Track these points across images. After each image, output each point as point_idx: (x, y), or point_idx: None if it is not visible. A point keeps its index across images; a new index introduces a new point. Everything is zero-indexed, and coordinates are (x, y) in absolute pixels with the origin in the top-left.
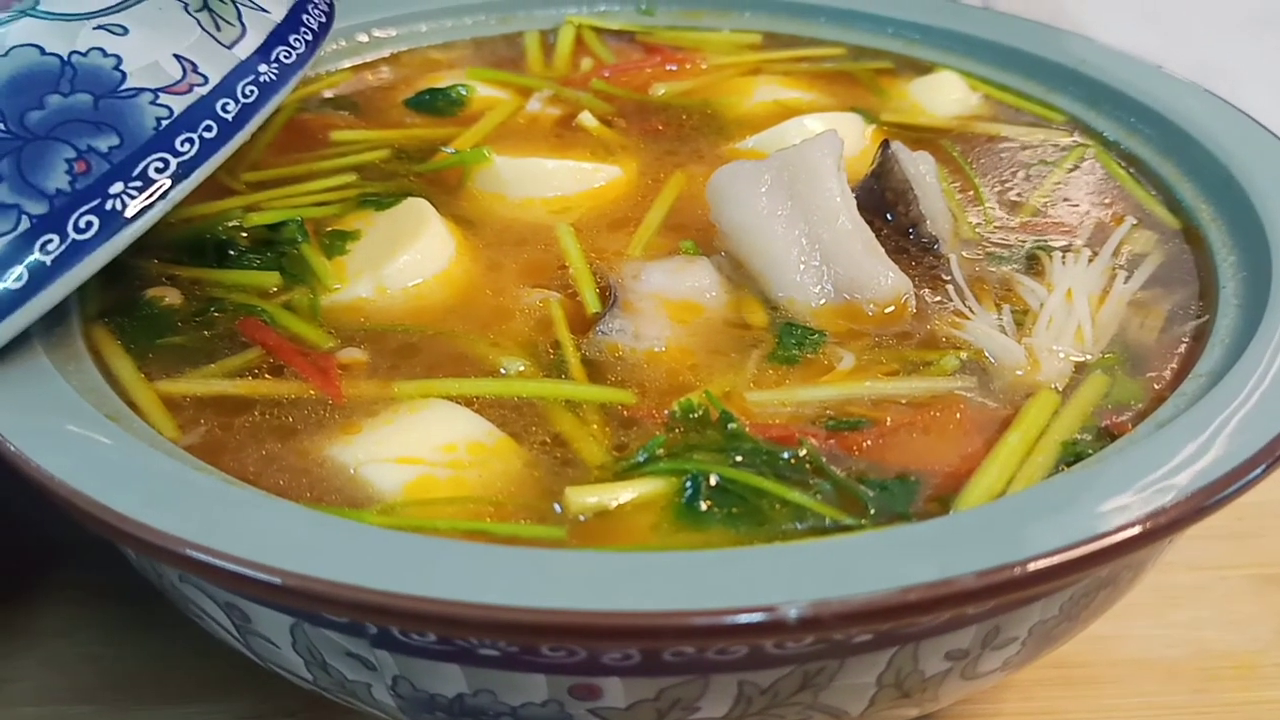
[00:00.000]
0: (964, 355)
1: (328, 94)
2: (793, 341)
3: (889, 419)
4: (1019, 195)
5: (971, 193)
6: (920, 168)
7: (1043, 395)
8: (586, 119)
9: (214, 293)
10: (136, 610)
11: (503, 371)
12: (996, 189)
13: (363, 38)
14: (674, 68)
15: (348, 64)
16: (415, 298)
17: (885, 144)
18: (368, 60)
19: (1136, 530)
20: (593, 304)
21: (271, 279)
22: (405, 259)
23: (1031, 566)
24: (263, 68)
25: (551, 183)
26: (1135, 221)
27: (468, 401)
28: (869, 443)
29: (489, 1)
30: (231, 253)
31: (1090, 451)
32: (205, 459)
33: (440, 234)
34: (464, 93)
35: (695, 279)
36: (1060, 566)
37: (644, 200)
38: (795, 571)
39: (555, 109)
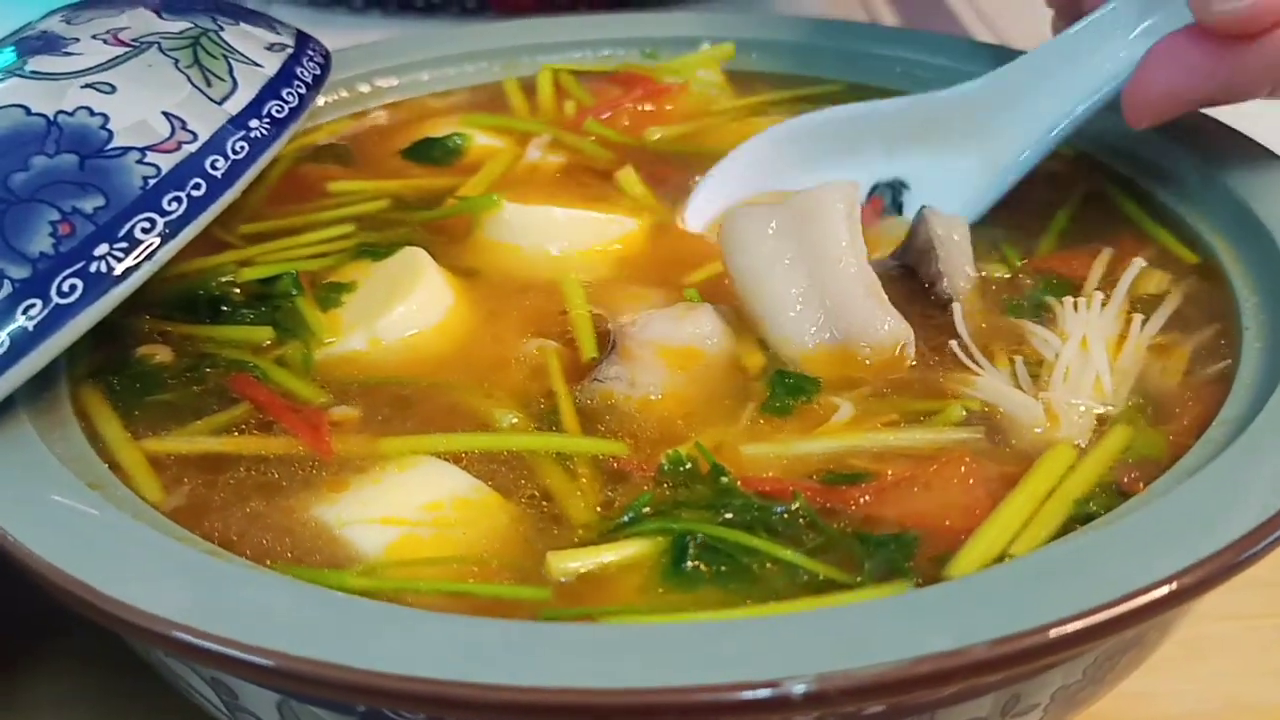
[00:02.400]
0: (969, 407)
1: (325, 143)
2: (784, 390)
3: (889, 473)
4: (1027, 238)
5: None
6: (950, 231)
7: (1057, 450)
8: (628, 178)
9: (206, 349)
10: (129, 681)
11: (503, 424)
12: (1004, 233)
13: (364, 88)
14: (649, 105)
15: (346, 113)
16: (410, 349)
17: (921, 209)
18: (367, 109)
19: (1164, 591)
20: (590, 349)
21: (264, 333)
22: (400, 310)
23: (1054, 633)
24: (254, 123)
25: (562, 233)
26: (1146, 262)
27: (456, 457)
28: (866, 497)
29: (493, 49)
30: (225, 308)
31: (1101, 510)
32: (189, 521)
33: (436, 284)
34: (460, 142)
35: (696, 326)
36: (1084, 632)
37: (658, 252)
38: (799, 641)
39: (557, 156)
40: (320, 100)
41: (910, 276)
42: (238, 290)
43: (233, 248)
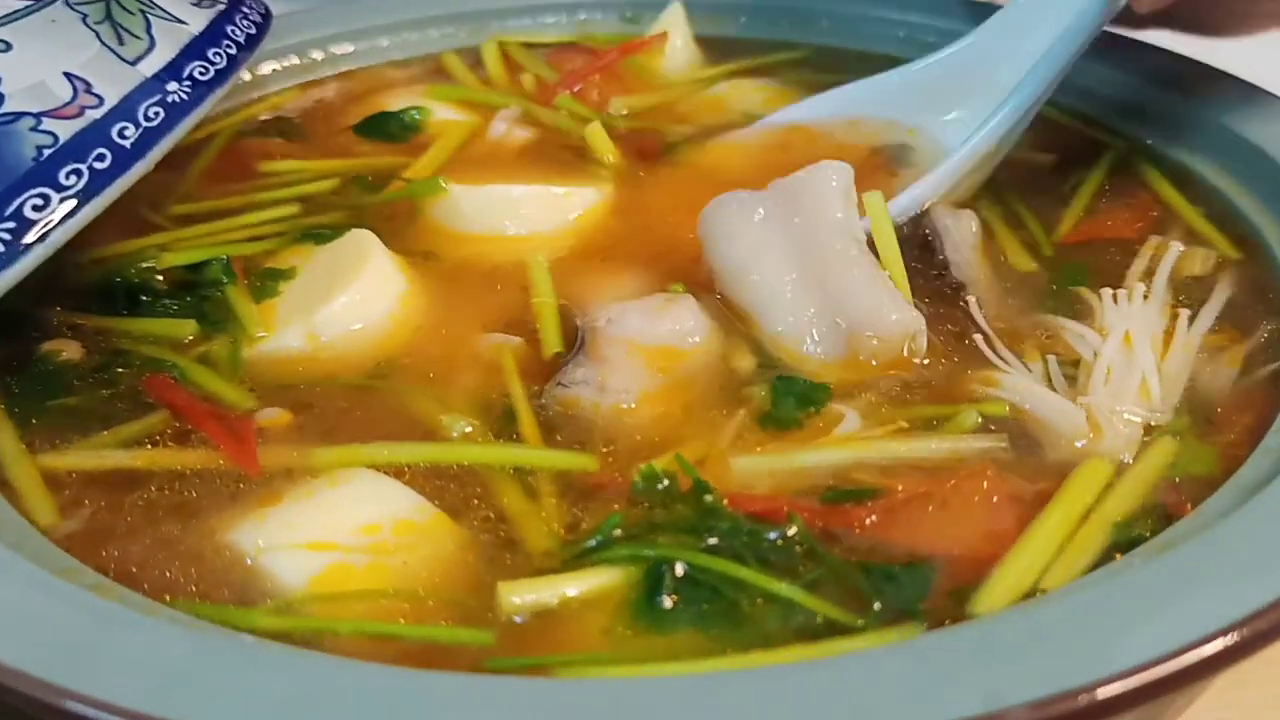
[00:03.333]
0: (992, 412)
1: (270, 116)
2: (790, 399)
3: (899, 488)
4: (1051, 220)
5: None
6: (960, 219)
7: (1093, 464)
8: (596, 134)
9: (121, 345)
10: None
11: (453, 433)
12: (1023, 213)
13: (317, 54)
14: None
15: (295, 82)
16: (352, 346)
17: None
18: (318, 78)
19: (1231, 640)
20: (553, 343)
21: (187, 328)
22: (342, 300)
23: (1103, 693)
24: (172, 86)
25: (519, 212)
26: (1183, 246)
27: (398, 471)
28: (873, 518)
29: (459, 12)
30: (145, 298)
31: (1146, 534)
32: (83, 549)
33: (384, 271)
34: (418, 116)
35: (676, 321)
36: (1140, 691)
37: (629, 230)
38: (793, 705)
39: (524, 131)
40: (267, 68)
41: (916, 261)
42: (160, 278)
43: (162, 230)
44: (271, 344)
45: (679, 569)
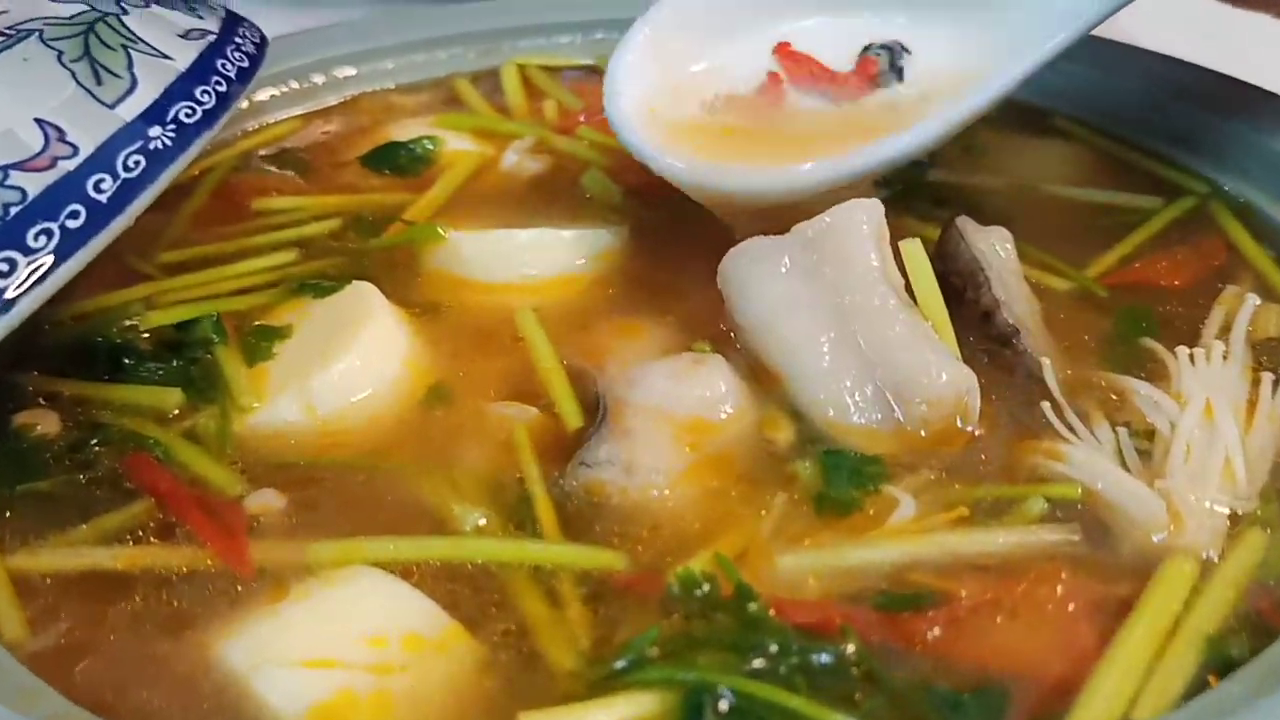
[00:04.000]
0: (1060, 495)
1: (269, 150)
2: (840, 476)
3: (963, 593)
4: (1114, 266)
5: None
6: (994, 244)
7: (1175, 564)
8: (594, 180)
9: (101, 416)
10: None
11: (466, 526)
12: (1083, 260)
13: (318, 78)
14: None
15: (297, 111)
16: (353, 419)
17: (950, 219)
18: (321, 107)
19: None
20: (574, 418)
21: (173, 398)
22: (341, 366)
23: None
24: (154, 131)
25: (525, 258)
26: (1259, 298)
27: (406, 571)
28: (936, 630)
29: (468, 32)
30: (128, 360)
31: (1244, 654)
32: (53, 669)
33: (387, 330)
34: (430, 146)
35: (706, 386)
36: None
37: (645, 275)
38: None
39: (535, 162)
40: (264, 94)
41: (954, 299)
42: (146, 336)
43: (149, 279)
44: (264, 416)
45: (723, 699)
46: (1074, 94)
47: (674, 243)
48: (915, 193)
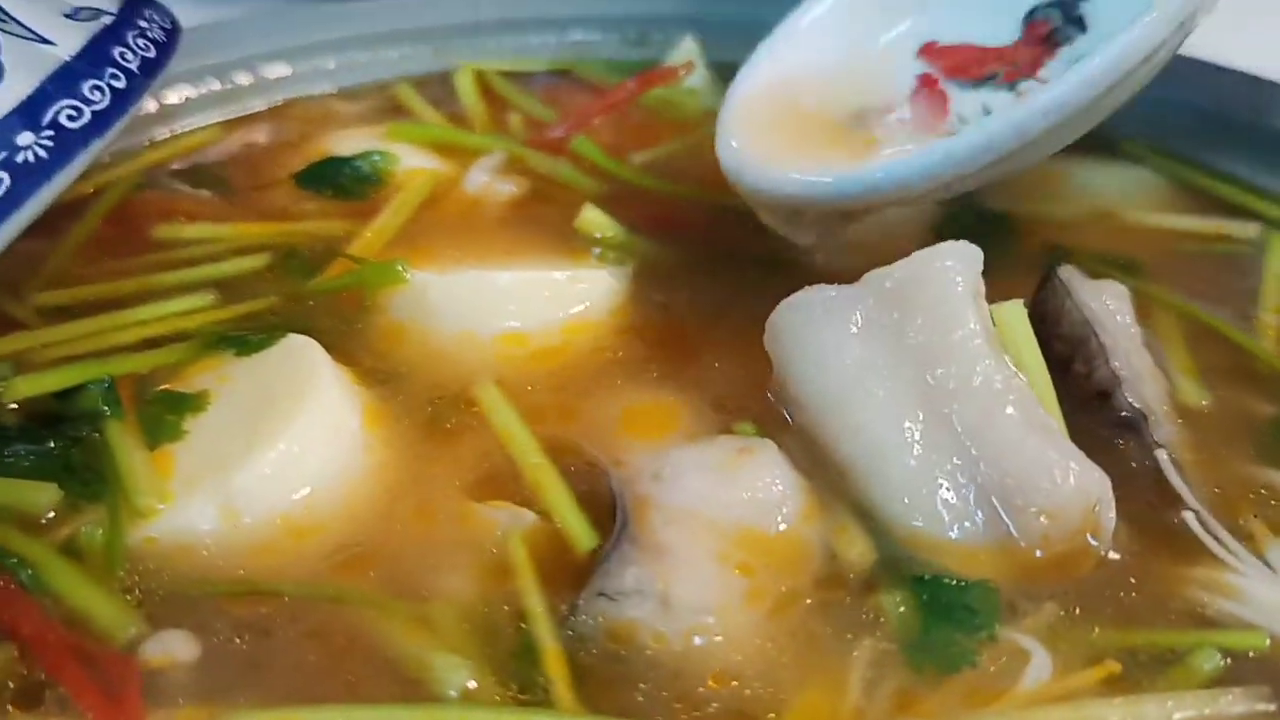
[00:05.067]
0: (1235, 646)
1: (180, 165)
2: (947, 615)
3: None
4: (1242, 327)
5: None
6: (1107, 302)
7: None
8: (591, 215)
9: None
10: None
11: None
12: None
13: (243, 78)
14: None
15: (216, 117)
16: (289, 528)
17: (1050, 270)
18: (247, 113)
19: None
20: (584, 539)
21: (45, 495)
22: (273, 456)
23: None
24: (24, 138)
25: (507, 306)
26: None
27: None
28: None
29: (421, 28)
30: None
31: None
32: None
33: (335, 402)
34: (379, 163)
35: (757, 484)
36: None
37: (657, 330)
38: None
39: (508, 185)
40: (177, 95)
41: (1060, 375)
42: (13, 408)
43: (21, 327)
44: (170, 522)
45: None
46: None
47: (694, 287)
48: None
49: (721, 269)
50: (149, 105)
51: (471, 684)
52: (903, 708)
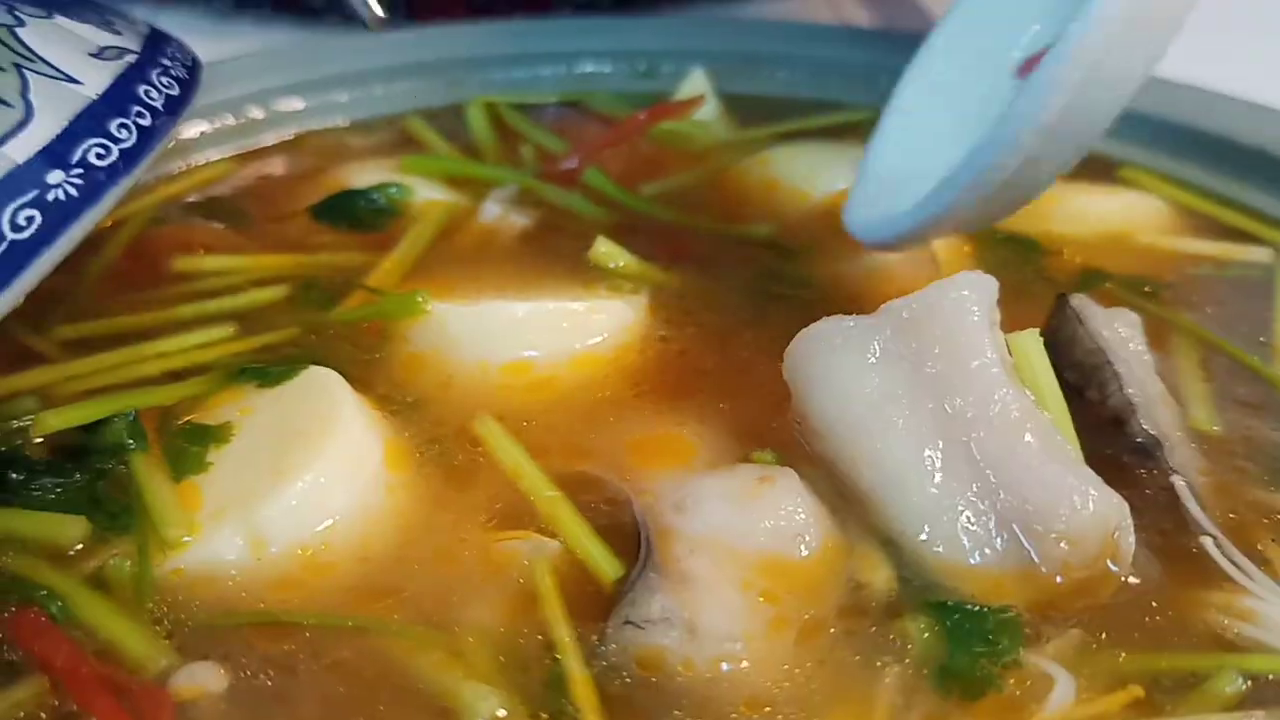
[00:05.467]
0: (1258, 669)
1: (196, 198)
2: (969, 639)
3: None
4: (1256, 351)
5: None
6: (1119, 330)
7: None
8: (602, 247)
9: None
10: None
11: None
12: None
13: (256, 113)
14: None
15: (230, 151)
16: (316, 559)
17: (1062, 299)
18: (261, 146)
19: None
20: (608, 568)
21: (74, 528)
22: (300, 487)
23: None
24: (54, 177)
25: (525, 337)
26: None
27: None
28: None
29: (432, 61)
30: (15, 475)
31: None
32: None
33: (359, 434)
34: (395, 194)
35: (778, 511)
36: None
37: (680, 363)
38: None
39: (522, 217)
40: (193, 130)
41: (1075, 399)
42: (39, 443)
43: (44, 361)
44: (197, 554)
45: None
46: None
47: (709, 317)
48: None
49: (735, 299)
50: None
51: (501, 712)
52: None
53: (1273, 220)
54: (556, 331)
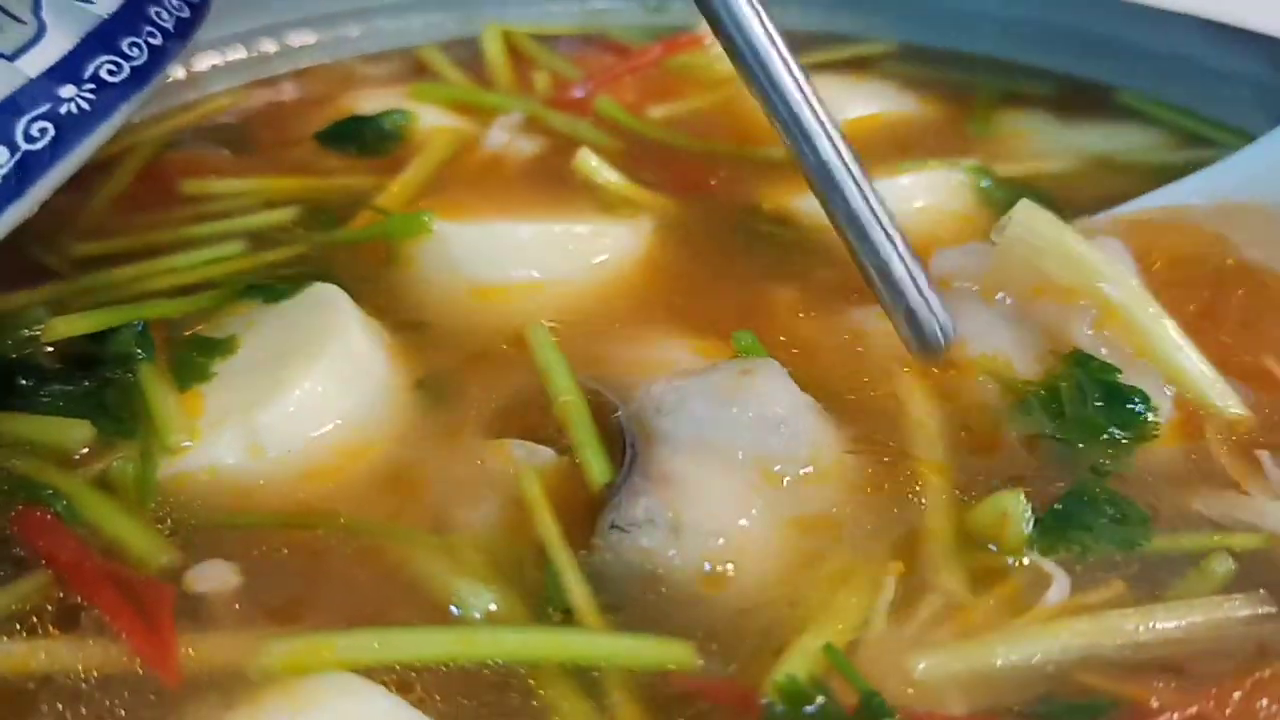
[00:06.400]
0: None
1: (209, 124)
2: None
3: (1154, 702)
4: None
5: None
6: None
7: None
8: (587, 160)
9: None
10: None
11: (455, 611)
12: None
13: (269, 46)
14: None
15: (242, 81)
16: (314, 463)
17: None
18: (271, 76)
19: None
20: (601, 472)
21: (80, 432)
22: (299, 393)
23: None
24: (67, 90)
25: (529, 257)
26: None
27: (400, 681)
28: None
29: None
30: (24, 382)
31: None
32: None
33: (358, 347)
34: (401, 121)
35: (759, 402)
36: None
37: (678, 282)
38: None
39: (529, 143)
40: (204, 63)
41: None
42: (49, 351)
43: (56, 276)
44: (197, 458)
45: None
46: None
47: (711, 241)
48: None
49: (738, 222)
50: (177, 72)
51: (493, 606)
52: (932, 622)
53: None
54: (560, 253)
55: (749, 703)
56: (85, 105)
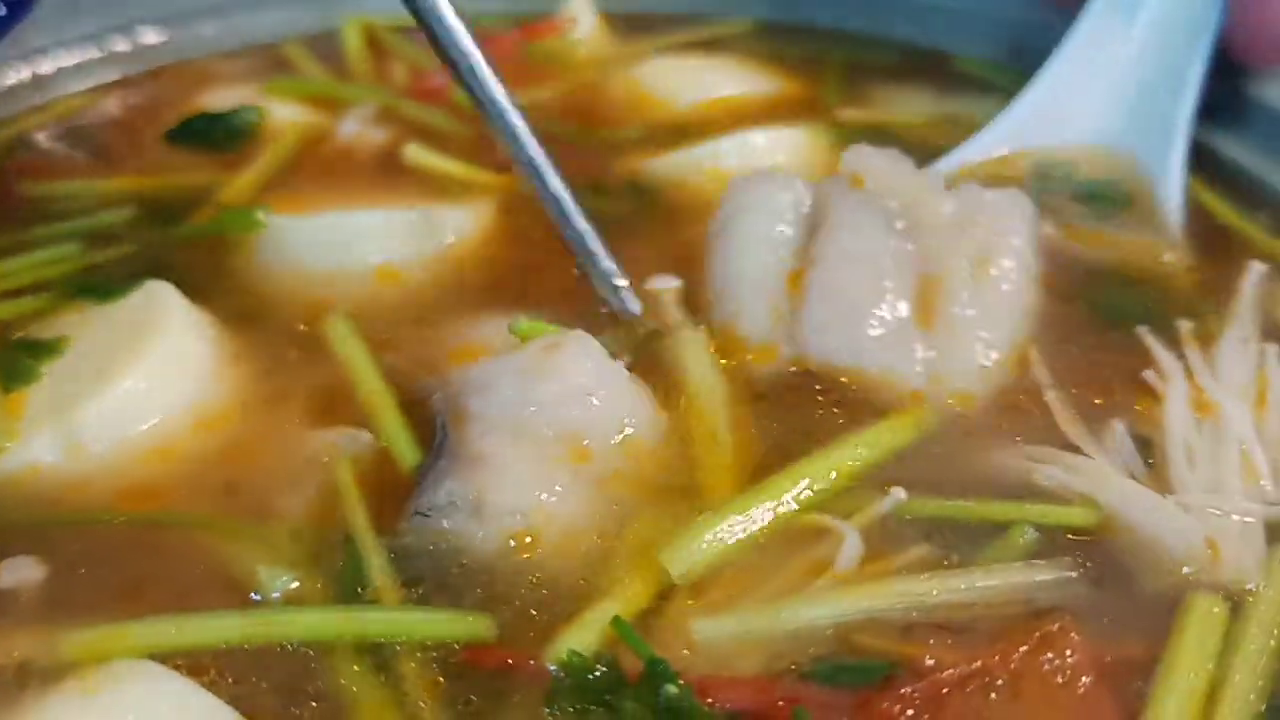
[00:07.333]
0: (1054, 522)
1: (57, 127)
2: None
3: (930, 660)
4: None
5: None
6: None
7: (1198, 605)
8: (416, 154)
9: None
10: None
11: (256, 596)
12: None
13: (121, 45)
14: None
15: (92, 83)
16: (134, 460)
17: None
18: (124, 76)
19: None
20: (408, 455)
21: None
22: (118, 392)
23: None
24: None
25: (365, 245)
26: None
27: (195, 665)
28: (909, 713)
29: None
30: None
31: None
32: None
33: (183, 342)
34: (251, 117)
35: (564, 374)
36: None
37: (515, 265)
38: None
39: (380, 133)
40: (49, 66)
41: None
42: None
43: None
44: (15, 458)
45: None
46: None
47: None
48: None
49: (587, 202)
50: (24, 73)
51: (292, 583)
52: (720, 589)
53: None
54: (396, 239)
55: (538, 672)
56: None
